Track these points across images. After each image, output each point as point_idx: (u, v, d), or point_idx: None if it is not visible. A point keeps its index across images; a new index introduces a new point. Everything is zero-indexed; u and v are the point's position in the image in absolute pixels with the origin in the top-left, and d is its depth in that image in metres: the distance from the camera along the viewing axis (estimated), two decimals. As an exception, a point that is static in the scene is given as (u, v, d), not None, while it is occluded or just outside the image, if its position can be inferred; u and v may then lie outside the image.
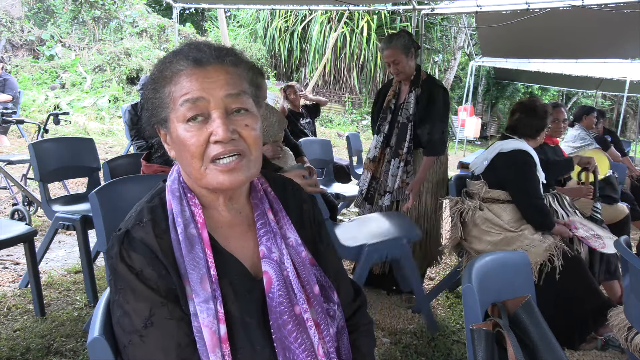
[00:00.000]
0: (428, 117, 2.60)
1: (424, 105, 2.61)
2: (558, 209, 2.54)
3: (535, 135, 2.45)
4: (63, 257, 3.26)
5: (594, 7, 4.03)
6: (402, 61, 2.61)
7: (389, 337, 2.39)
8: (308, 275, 0.89)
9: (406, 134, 2.66)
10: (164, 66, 0.84)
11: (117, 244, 0.81)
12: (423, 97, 2.62)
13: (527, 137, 2.44)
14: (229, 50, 0.87)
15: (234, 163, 0.81)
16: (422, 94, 2.62)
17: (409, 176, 2.71)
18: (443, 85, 2.77)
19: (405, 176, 2.70)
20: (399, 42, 2.59)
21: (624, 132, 18.66)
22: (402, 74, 2.67)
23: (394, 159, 2.72)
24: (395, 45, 2.60)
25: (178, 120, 0.82)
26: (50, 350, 2.10)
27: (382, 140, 2.78)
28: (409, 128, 2.65)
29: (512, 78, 13.92)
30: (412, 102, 2.65)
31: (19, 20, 11.13)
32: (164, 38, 12.37)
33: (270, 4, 6.55)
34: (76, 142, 2.97)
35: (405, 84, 2.74)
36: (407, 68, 2.64)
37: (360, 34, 13.39)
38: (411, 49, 2.61)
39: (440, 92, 2.64)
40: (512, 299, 1.19)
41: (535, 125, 2.43)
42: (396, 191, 2.73)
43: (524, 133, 2.44)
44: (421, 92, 2.63)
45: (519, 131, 2.45)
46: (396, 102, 2.77)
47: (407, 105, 2.67)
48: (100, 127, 8.66)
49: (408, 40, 2.60)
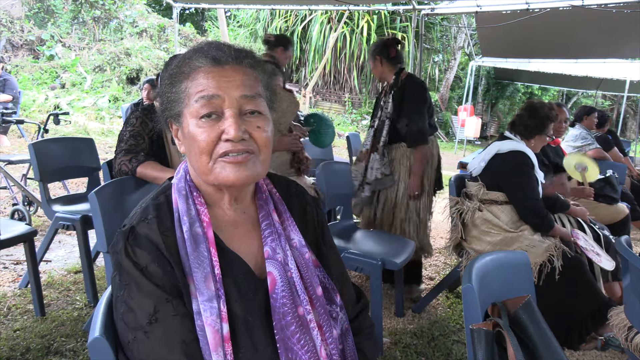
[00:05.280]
0: (403, 111, 2.84)
1: (398, 101, 2.85)
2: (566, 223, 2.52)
3: (528, 136, 2.44)
4: (63, 257, 3.26)
5: (594, 7, 4.03)
6: (371, 65, 3.02)
7: (389, 337, 2.39)
8: (311, 276, 0.90)
9: (383, 130, 2.90)
10: (183, 62, 0.85)
11: (122, 239, 0.81)
12: (397, 95, 2.86)
13: (521, 135, 2.44)
14: (248, 53, 0.87)
15: (242, 157, 0.82)
16: (397, 91, 2.86)
17: (386, 168, 2.90)
18: (421, 82, 2.97)
19: (383, 168, 2.90)
20: (371, 48, 3.03)
21: (624, 132, 18.65)
22: (377, 77, 3.03)
23: (373, 153, 2.93)
24: (369, 51, 3.07)
25: (191, 115, 0.82)
26: (50, 350, 2.10)
27: (372, 134, 3.01)
28: (386, 124, 2.89)
29: (512, 78, 13.91)
30: (389, 102, 2.89)
31: (19, 20, 11.14)
32: (164, 38, 12.37)
33: (270, 4, 6.55)
34: (76, 142, 2.97)
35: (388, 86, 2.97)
36: (376, 72, 2.98)
37: (360, 34, 13.40)
38: (376, 57, 2.92)
39: (415, 87, 2.85)
40: (512, 299, 1.19)
41: (530, 126, 2.42)
42: (374, 182, 2.91)
43: (519, 131, 2.44)
44: (397, 90, 2.87)
45: (516, 128, 2.46)
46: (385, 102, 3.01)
47: (386, 105, 2.91)
48: (100, 127, 8.67)
49: (374, 49, 2.96)
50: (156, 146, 2.17)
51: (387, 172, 2.88)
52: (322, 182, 2.56)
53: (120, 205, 1.89)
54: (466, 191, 2.52)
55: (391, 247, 2.51)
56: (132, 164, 2.06)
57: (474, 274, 1.15)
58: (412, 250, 2.51)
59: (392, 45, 2.90)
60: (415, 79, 2.94)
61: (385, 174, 2.88)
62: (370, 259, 2.28)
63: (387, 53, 2.90)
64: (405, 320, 2.62)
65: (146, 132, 2.14)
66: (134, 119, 2.15)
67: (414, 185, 2.79)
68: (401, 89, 2.84)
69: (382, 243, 2.59)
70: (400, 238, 2.72)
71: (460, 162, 4.82)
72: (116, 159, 2.11)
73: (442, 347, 2.33)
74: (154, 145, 2.16)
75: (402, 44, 3.10)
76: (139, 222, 0.82)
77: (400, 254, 2.39)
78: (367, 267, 2.28)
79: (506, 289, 1.23)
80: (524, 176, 2.32)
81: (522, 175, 2.33)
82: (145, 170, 2.05)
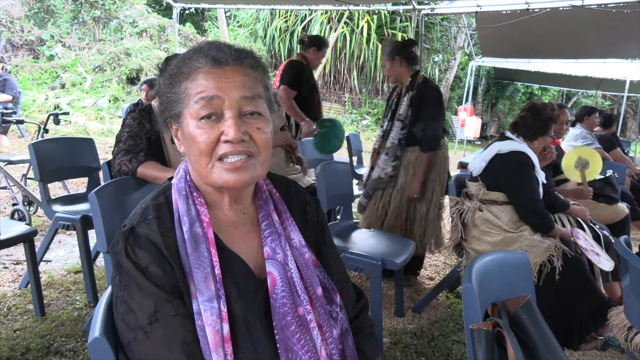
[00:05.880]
0: (420, 116, 2.86)
1: (417, 106, 2.87)
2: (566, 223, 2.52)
3: (532, 138, 2.43)
4: (63, 257, 3.26)
5: (594, 7, 4.03)
6: (387, 65, 2.97)
7: (389, 337, 2.39)
8: (311, 276, 0.90)
9: (392, 131, 2.94)
10: (183, 62, 0.85)
11: (122, 240, 0.81)
12: (416, 99, 2.87)
13: (524, 137, 2.44)
14: (248, 53, 0.87)
15: (241, 162, 0.81)
16: (416, 95, 2.88)
17: (393, 170, 2.94)
18: (436, 87, 2.98)
19: (389, 169, 2.94)
20: (385, 49, 2.99)
21: (624, 132, 18.63)
22: (391, 78, 3.01)
23: (384, 153, 2.96)
24: (384, 51, 3.02)
25: (191, 116, 0.82)
26: (50, 350, 2.10)
27: (381, 134, 3.05)
28: (399, 127, 2.91)
29: (512, 78, 13.90)
30: (404, 104, 2.90)
31: (19, 20, 11.13)
32: (164, 38, 12.37)
33: (270, 4, 6.55)
34: (76, 142, 2.96)
35: (404, 88, 2.98)
36: (392, 72, 2.96)
37: (360, 34, 13.39)
38: (395, 57, 2.90)
39: (432, 92, 2.87)
40: (512, 299, 1.19)
41: (534, 128, 2.41)
42: (376, 181, 2.98)
43: (522, 133, 2.44)
44: (415, 94, 2.88)
45: (519, 129, 2.45)
46: (397, 102, 3.01)
47: (399, 107, 2.94)
48: (100, 127, 8.66)
49: (392, 49, 2.93)
50: (154, 147, 2.17)
51: (392, 174, 2.93)
52: (322, 182, 2.56)
53: (120, 205, 1.89)
54: (466, 191, 2.52)
55: (391, 247, 2.51)
56: (133, 164, 2.06)
57: (474, 274, 1.15)
58: (413, 250, 2.52)
59: (410, 46, 2.93)
60: (432, 83, 2.97)
61: (390, 175, 2.93)
62: (370, 259, 2.28)
63: (407, 54, 2.91)
64: (405, 320, 2.62)
65: (144, 132, 2.14)
66: (131, 120, 2.15)
67: (415, 189, 2.86)
68: (419, 93, 2.86)
69: (382, 243, 2.59)
70: (401, 238, 2.72)
71: (460, 162, 4.82)
72: (115, 160, 2.11)
73: (442, 347, 2.33)
74: (151, 146, 2.16)
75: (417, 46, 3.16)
76: (139, 223, 0.82)
77: (400, 254, 2.39)
78: (367, 267, 2.29)
79: (506, 289, 1.23)
80: (525, 176, 2.32)
81: (522, 176, 2.33)
82: (146, 170, 2.05)
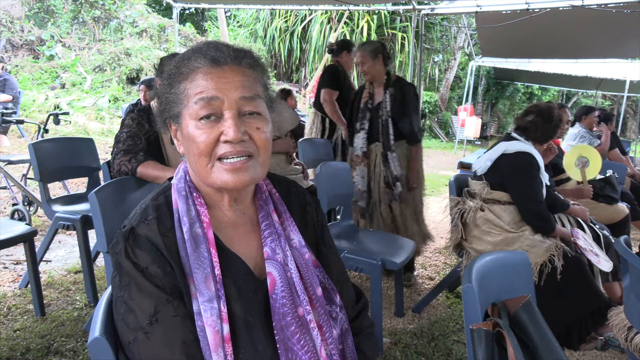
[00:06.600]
0: (406, 111, 2.94)
1: (400, 102, 2.93)
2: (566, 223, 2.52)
3: (543, 141, 2.44)
4: (63, 257, 3.26)
5: (594, 7, 4.03)
6: (367, 63, 2.95)
7: (389, 337, 2.39)
8: (311, 277, 0.90)
9: (389, 128, 2.97)
10: (182, 62, 0.85)
11: (122, 240, 0.81)
12: (398, 95, 2.94)
13: (535, 141, 2.42)
14: (247, 53, 0.87)
15: (240, 163, 0.81)
16: (396, 92, 2.94)
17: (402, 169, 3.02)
18: (412, 83, 3.12)
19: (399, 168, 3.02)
20: (369, 47, 2.97)
21: (624, 132, 18.63)
22: (368, 75, 3.00)
23: (389, 152, 2.99)
24: (365, 49, 2.98)
25: (190, 117, 0.82)
26: (50, 350, 2.10)
27: (366, 136, 3.06)
28: (390, 124, 2.96)
29: (512, 78, 13.90)
30: (388, 101, 2.96)
31: (19, 20, 11.12)
32: (164, 38, 12.36)
33: (270, 4, 6.55)
34: (76, 142, 2.96)
35: (378, 87, 3.03)
36: (373, 70, 2.96)
37: (360, 34, 13.37)
38: (379, 55, 2.93)
39: (410, 88, 2.98)
40: (512, 299, 1.19)
41: (547, 131, 2.40)
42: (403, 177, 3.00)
43: (535, 137, 2.41)
44: (394, 91, 2.95)
45: (531, 134, 2.41)
46: (372, 102, 3.05)
47: (385, 104, 2.97)
48: (100, 127, 8.66)
49: (378, 48, 2.95)
50: (153, 147, 2.17)
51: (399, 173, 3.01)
52: (321, 182, 2.56)
53: (120, 205, 1.89)
54: (469, 189, 2.51)
55: (391, 247, 2.51)
56: (132, 164, 2.06)
57: (474, 274, 1.15)
58: (413, 250, 2.52)
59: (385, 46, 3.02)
60: (405, 80, 3.08)
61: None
62: (370, 259, 2.29)
63: (387, 53, 3.00)
64: (405, 320, 2.62)
65: (143, 133, 2.15)
66: (130, 120, 2.15)
67: (413, 179, 2.97)
68: (399, 89, 2.94)
69: (382, 243, 2.59)
70: (400, 238, 2.72)
71: (460, 162, 4.82)
72: (115, 160, 2.11)
73: (442, 347, 2.33)
74: (150, 146, 2.16)
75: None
76: (139, 223, 0.82)
77: (400, 254, 2.39)
78: (367, 267, 2.29)
79: (506, 289, 1.22)
80: (529, 177, 2.32)
81: (527, 176, 2.32)
82: (146, 169, 2.05)
